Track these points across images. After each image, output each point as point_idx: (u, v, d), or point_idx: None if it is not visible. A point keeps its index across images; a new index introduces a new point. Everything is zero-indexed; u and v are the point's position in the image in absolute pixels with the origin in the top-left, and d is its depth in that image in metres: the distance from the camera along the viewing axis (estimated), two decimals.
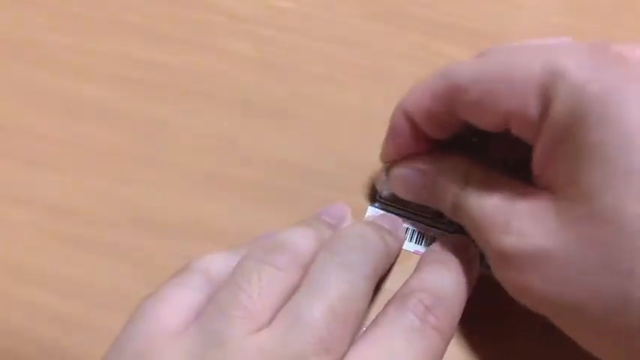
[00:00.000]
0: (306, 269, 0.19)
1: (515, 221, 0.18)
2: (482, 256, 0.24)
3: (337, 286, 0.18)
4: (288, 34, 0.32)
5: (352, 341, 0.18)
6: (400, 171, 0.23)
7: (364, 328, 0.19)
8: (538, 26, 0.32)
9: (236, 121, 0.28)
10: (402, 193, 0.24)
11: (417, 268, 0.22)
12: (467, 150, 0.22)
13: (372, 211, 0.26)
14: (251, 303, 0.17)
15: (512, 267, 0.18)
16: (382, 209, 0.26)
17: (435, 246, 0.23)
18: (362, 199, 0.26)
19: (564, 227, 0.16)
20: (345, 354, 0.17)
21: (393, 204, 0.26)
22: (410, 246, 0.25)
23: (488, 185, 0.20)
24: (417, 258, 0.23)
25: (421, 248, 0.25)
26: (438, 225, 0.25)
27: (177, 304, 0.18)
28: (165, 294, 0.18)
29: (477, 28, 0.32)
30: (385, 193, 0.25)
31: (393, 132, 0.23)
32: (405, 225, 0.25)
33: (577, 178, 0.16)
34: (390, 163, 0.24)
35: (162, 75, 0.30)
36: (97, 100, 0.29)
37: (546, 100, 0.17)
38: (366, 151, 0.27)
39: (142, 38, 0.31)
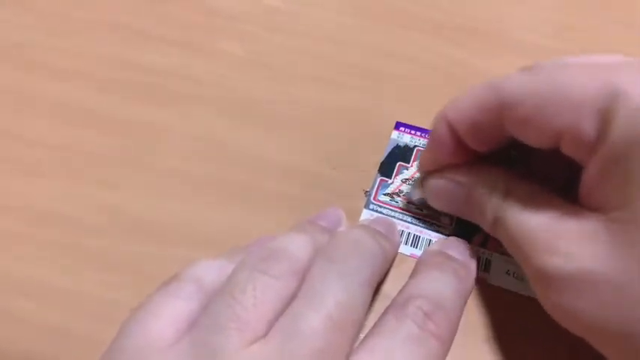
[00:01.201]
0: (302, 277, 0.18)
1: (561, 241, 0.17)
2: (484, 262, 0.23)
3: (335, 295, 0.17)
4: (279, 34, 0.31)
5: (351, 350, 0.17)
6: (437, 182, 0.23)
7: (362, 336, 0.19)
8: (537, 24, 0.32)
9: (226, 123, 0.28)
10: (437, 205, 0.23)
11: (414, 272, 0.22)
12: (506, 164, 0.21)
13: (367, 214, 0.25)
14: (246, 314, 0.16)
15: (557, 289, 0.17)
16: (376, 212, 0.25)
17: (432, 249, 0.23)
18: (356, 201, 0.25)
19: (618, 251, 0.16)
20: None
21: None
22: (406, 249, 0.24)
23: (532, 201, 0.19)
24: (413, 261, 0.23)
25: (417, 251, 0.24)
26: (434, 227, 0.25)
27: (169, 315, 0.17)
28: (156, 305, 0.18)
29: (473, 25, 0.31)
30: (416, 200, 0.25)
31: (433, 141, 0.22)
32: (400, 228, 0.25)
33: (632, 202, 0.16)
34: (426, 172, 0.23)
35: (150, 77, 0.29)
36: (84, 103, 0.28)
37: (604, 121, 0.16)
38: (359, 153, 0.27)
39: (129, 39, 0.31)
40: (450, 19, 0.31)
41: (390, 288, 0.23)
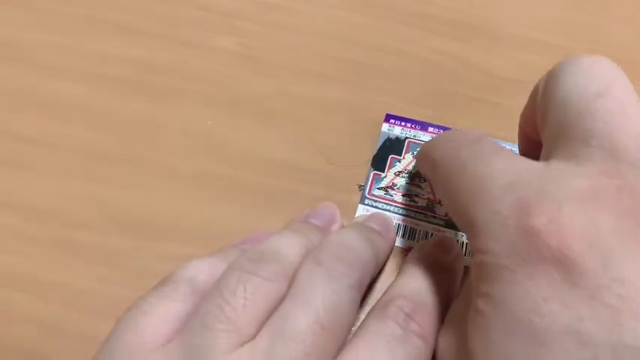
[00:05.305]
0: (292, 278, 0.18)
1: None
2: None
3: (323, 298, 0.17)
4: (274, 29, 0.31)
5: (337, 353, 0.17)
6: None
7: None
8: (526, 18, 0.31)
9: (221, 118, 0.28)
10: None
11: (399, 273, 0.22)
12: None
13: (362, 210, 0.25)
14: (235, 316, 0.16)
15: None
16: (372, 207, 0.25)
17: (417, 248, 0.23)
18: (352, 196, 0.25)
19: None
20: None
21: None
22: (402, 242, 0.24)
23: None
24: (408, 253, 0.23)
25: (413, 244, 0.24)
26: (430, 220, 0.25)
27: (161, 316, 0.17)
28: (149, 306, 0.18)
29: (464, 19, 0.31)
30: None
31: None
32: (396, 221, 0.25)
33: None
34: None
35: (144, 72, 0.29)
36: (76, 99, 0.28)
37: None
38: (353, 147, 0.27)
39: (122, 35, 0.31)
40: (445, 14, 0.31)
41: (385, 282, 0.23)
